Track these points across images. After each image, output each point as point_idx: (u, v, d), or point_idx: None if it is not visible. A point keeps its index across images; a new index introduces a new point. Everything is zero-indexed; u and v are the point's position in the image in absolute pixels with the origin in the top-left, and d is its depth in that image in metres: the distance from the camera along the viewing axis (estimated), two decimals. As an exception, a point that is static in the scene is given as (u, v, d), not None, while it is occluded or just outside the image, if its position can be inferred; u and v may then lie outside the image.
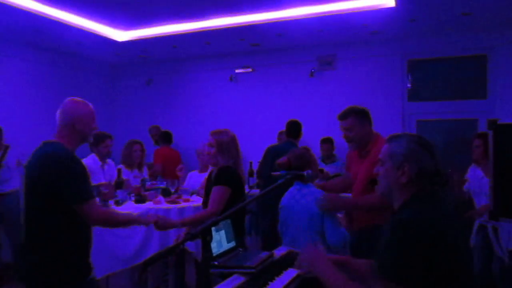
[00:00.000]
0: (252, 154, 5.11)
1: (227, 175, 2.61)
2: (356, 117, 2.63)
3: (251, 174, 5.14)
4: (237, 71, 6.36)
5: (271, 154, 4.47)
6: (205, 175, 3.74)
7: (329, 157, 5.47)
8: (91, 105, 2.23)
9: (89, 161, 3.99)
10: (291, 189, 2.77)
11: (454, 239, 1.34)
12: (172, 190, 4.07)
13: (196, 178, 4.56)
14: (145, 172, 4.69)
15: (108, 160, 4.35)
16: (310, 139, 5.12)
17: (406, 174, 1.45)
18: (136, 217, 2.36)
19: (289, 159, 2.75)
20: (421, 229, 1.29)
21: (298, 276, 1.80)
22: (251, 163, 5.22)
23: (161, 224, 2.34)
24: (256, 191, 4.56)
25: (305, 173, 2.36)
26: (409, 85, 5.57)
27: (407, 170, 1.45)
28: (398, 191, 1.49)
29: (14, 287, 4.34)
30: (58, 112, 2.12)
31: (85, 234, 2.11)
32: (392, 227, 1.34)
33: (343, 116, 2.67)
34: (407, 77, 5.60)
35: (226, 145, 2.66)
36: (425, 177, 1.45)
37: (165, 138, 5.94)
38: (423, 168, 1.45)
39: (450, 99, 5.41)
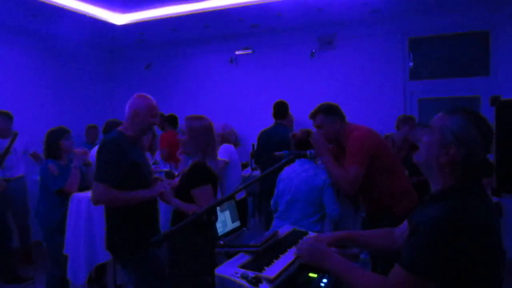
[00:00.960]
0: (253, 136, 5.09)
1: (202, 173, 2.39)
2: (324, 115, 2.68)
3: (253, 156, 5.15)
4: (237, 52, 6.30)
5: (264, 139, 4.50)
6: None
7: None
8: (152, 100, 2.43)
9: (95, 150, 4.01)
10: (292, 164, 2.89)
11: (497, 240, 1.23)
12: (176, 173, 4.09)
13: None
14: (158, 156, 4.70)
15: None
16: (311, 120, 5.12)
17: (448, 155, 1.28)
18: (145, 193, 2.39)
19: (307, 133, 2.93)
20: (467, 228, 1.17)
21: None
22: (253, 145, 5.22)
23: (165, 196, 2.45)
24: (257, 173, 4.58)
25: (308, 152, 2.38)
26: (410, 64, 5.52)
27: (452, 152, 1.28)
28: (437, 171, 1.33)
29: (23, 270, 4.41)
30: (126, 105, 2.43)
31: (147, 206, 2.41)
32: (436, 221, 1.20)
33: (312, 115, 2.74)
34: (408, 56, 5.55)
35: (195, 133, 2.42)
36: (471, 165, 1.28)
37: (170, 122, 5.91)
38: (471, 155, 1.27)
39: (452, 77, 5.36)
